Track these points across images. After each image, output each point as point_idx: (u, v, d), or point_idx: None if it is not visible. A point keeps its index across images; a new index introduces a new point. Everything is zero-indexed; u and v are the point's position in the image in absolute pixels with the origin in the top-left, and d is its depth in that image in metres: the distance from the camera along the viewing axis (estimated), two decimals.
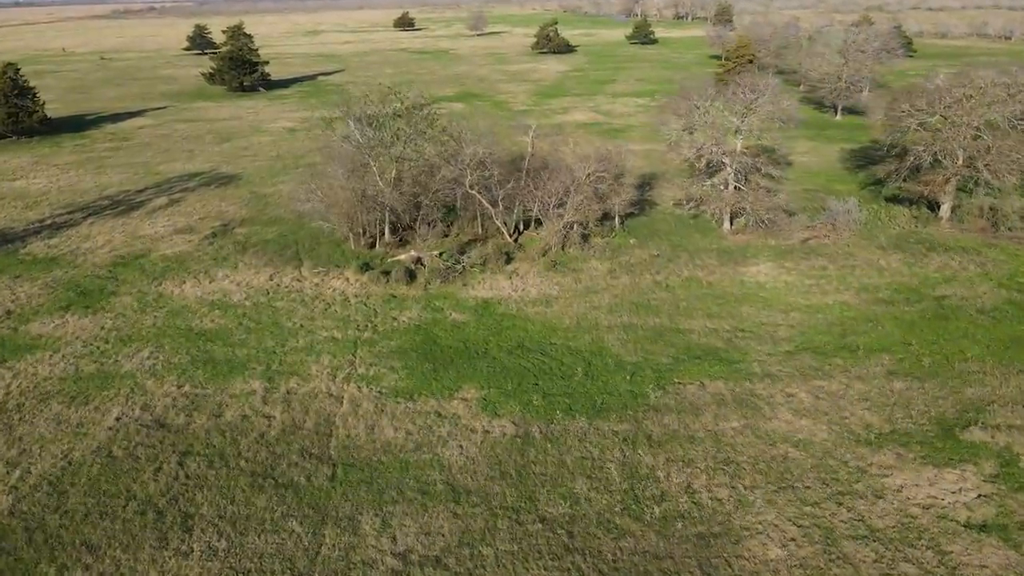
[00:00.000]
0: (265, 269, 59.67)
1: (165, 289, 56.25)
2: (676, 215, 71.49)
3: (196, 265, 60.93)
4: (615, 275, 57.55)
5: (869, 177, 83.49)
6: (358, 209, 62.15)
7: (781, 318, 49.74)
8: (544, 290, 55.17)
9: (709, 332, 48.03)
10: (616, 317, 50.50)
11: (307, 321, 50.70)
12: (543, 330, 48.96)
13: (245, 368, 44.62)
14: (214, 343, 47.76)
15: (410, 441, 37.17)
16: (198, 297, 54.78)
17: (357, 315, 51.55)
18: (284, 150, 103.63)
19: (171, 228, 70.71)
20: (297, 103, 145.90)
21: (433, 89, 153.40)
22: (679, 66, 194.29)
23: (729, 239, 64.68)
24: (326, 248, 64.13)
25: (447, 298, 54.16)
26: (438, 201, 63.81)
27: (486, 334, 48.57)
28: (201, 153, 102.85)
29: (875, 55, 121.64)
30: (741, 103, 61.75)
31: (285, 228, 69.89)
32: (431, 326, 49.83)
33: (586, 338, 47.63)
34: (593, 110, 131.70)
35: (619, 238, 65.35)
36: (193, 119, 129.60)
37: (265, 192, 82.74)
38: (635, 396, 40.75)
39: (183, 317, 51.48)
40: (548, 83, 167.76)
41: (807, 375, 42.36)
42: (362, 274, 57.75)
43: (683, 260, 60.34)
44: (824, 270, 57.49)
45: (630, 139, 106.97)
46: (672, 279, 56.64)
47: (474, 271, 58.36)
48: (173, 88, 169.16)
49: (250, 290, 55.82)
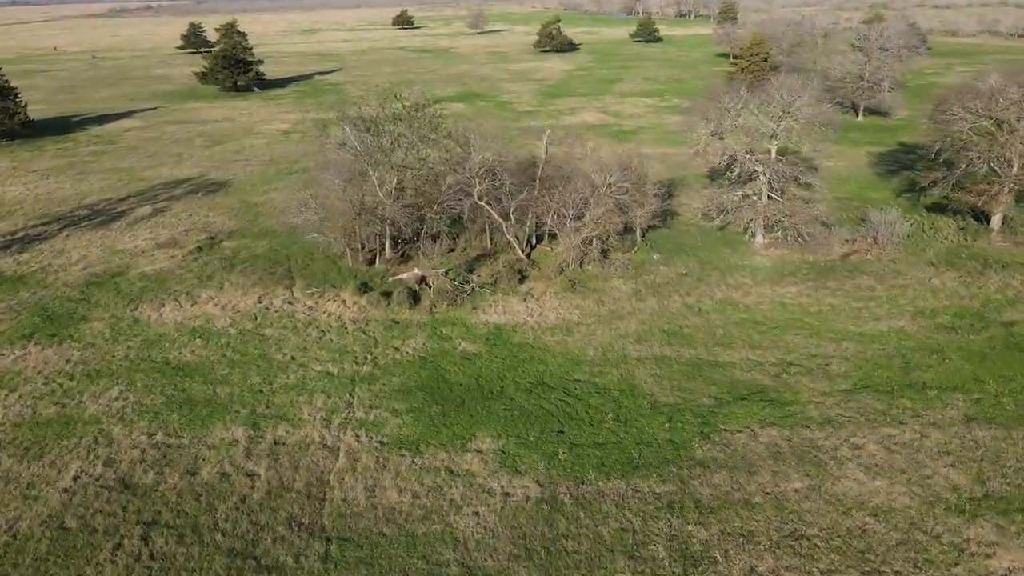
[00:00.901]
0: (253, 290, 54.04)
1: (142, 314, 50.61)
2: (701, 227, 65.91)
3: (178, 285, 55.29)
4: (641, 297, 51.98)
5: (904, 184, 77.98)
6: (356, 222, 56.55)
7: (832, 348, 44.20)
8: (563, 314, 49.60)
9: (753, 366, 42.49)
10: (646, 348, 44.95)
11: (299, 352, 45.10)
12: (565, 363, 43.40)
13: (227, 411, 39.03)
14: (193, 379, 42.15)
15: (417, 507, 31.60)
16: (178, 323, 49.17)
17: (355, 345, 45.96)
18: (278, 154, 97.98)
19: (153, 242, 65.04)
20: (293, 103, 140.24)
21: (434, 89, 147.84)
22: (686, 65, 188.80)
23: (762, 254, 59.13)
24: (321, 265, 58.52)
25: (455, 324, 48.59)
26: (443, 213, 58.18)
27: (501, 368, 42.99)
28: (190, 157, 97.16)
29: (896, 53, 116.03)
30: (778, 105, 56.13)
31: (277, 241, 64.26)
32: (438, 358, 44.26)
33: (614, 373, 42.07)
34: (601, 111, 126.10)
35: (641, 253, 59.78)
36: (183, 121, 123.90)
37: (256, 201, 77.11)
38: (676, 447, 35.19)
39: (160, 348, 45.86)
40: (553, 83, 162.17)
41: (873, 421, 36.82)
42: (360, 296, 52.17)
43: (714, 279, 54.78)
44: (872, 291, 51.95)
45: (643, 142, 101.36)
46: (705, 302, 51.08)
47: (484, 292, 52.79)
48: (165, 88, 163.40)
49: (236, 315, 50.19)
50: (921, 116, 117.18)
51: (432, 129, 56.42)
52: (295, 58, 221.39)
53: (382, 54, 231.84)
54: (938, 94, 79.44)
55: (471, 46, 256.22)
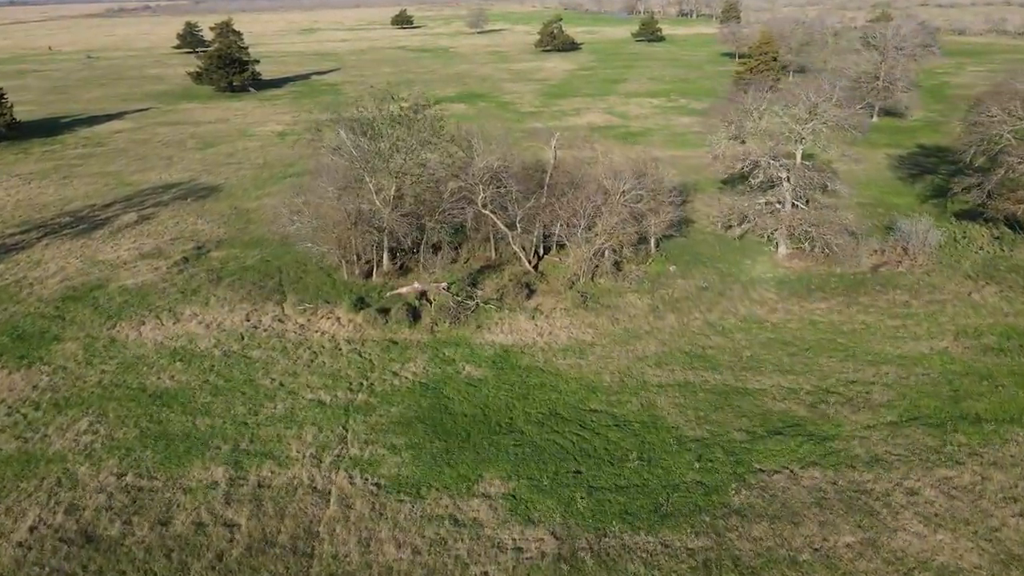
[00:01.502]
0: (241, 306, 50.23)
1: (119, 332, 46.78)
2: (718, 236, 62.09)
3: (160, 300, 51.46)
4: (659, 314, 48.18)
5: (928, 189, 74.21)
6: (351, 233, 52.73)
7: (872, 373, 40.40)
8: (576, 334, 45.79)
9: (786, 394, 38.68)
10: (667, 372, 41.14)
11: (288, 378, 41.28)
12: (580, 391, 39.58)
13: (207, 446, 35.21)
14: (171, 409, 38.33)
15: (418, 565, 27.80)
16: (158, 344, 45.35)
17: (350, 369, 42.14)
18: (272, 157, 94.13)
19: (136, 252, 61.21)
20: (289, 104, 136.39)
21: (434, 89, 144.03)
22: (691, 64, 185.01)
23: (785, 266, 55.34)
24: (314, 278, 54.70)
25: (459, 345, 44.79)
26: (445, 222, 54.37)
27: (509, 396, 39.18)
28: (180, 161, 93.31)
29: (911, 52, 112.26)
30: (804, 107, 52.30)
31: (268, 252, 60.42)
32: (441, 385, 40.44)
33: (634, 403, 38.26)
34: (607, 112, 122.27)
35: (656, 265, 55.97)
36: (176, 122, 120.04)
37: (248, 207, 73.28)
38: (709, 492, 31.40)
39: (137, 372, 42.03)
40: (555, 82, 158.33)
41: (926, 460, 33.03)
42: (356, 313, 48.35)
43: (736, 294, 51.00)
44: (908, 307, 48.17)
45: (651, 144, 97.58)
46: (728, 319, 47.29)
47: (489, 308, 48.99)
48: (159, 88, 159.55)
49: (221, 334, 46.38)
50: (937, 117, 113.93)
51: (433, 132, 52.56)
52: (293, 58, 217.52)
53: (381, 54, 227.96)
54: (975, 94, 75.74)
55: (471, 45, 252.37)
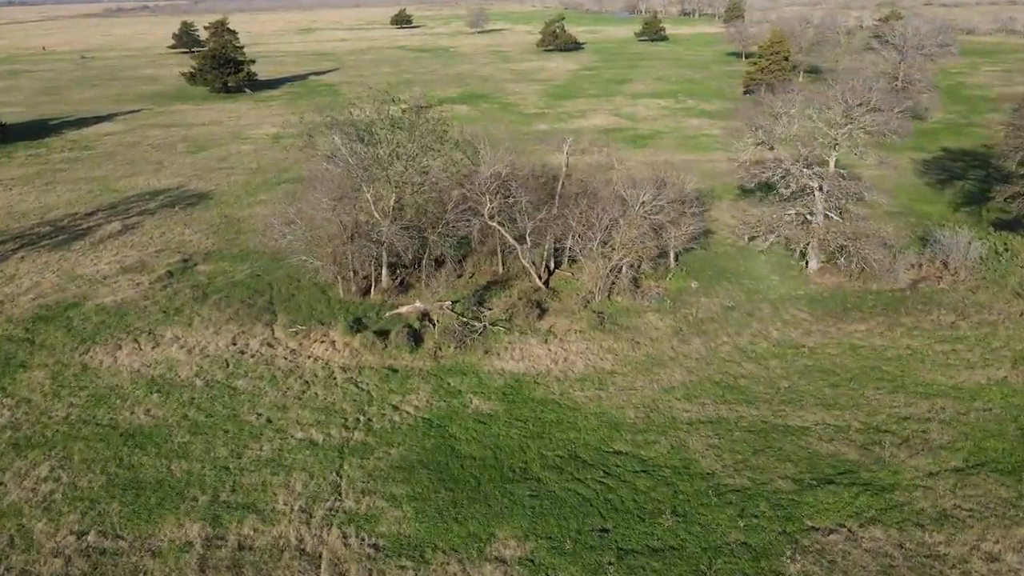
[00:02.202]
0: (228, 327, 46.12)
1: (92, 359, 42.65)
2: (740, 248, 57.99)
3: (140, 320, 47.34)
4: (683, 337, 44.07)
5: (960, 195, 70.21)
6: (348, 247, 48.64)
7: (926, 408, 36.29)
8: (593, 361, 41.68)
9: (833, 433, 34.57)
10: (697, 407, 37.03)
11: (277, 412, 37.15)
12: (601, 428, 35.46)
13: (182, 497, 31.10)
14: (144, 451, 34.20)
15: None
16: (134, 372, 41.22)
17: (345, 402, 38.01)
18: (266, 161, 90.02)
19: (118, 265, 57.07)
20: (285, 105, 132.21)
21: (435, 90, 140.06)
22: (697, 64, 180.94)
23: (816, 282, 51.25)
24: (307, 295, 50.59)
25: (466, 373, 40.67)
26: (449, 235, 50.25)
27: (523, 435, 35.06)
28: (170, 165, 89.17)
29: (928, 52, 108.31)
30: (840, 110, 48.17)
31: (259, 265, 56.31)
32: (447, 421, 36.32)
33: (663, 444, 34.13)
34: (613, 113, 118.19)
35: (677, 280, 51.89)
36: (168, 124, 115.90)
37: (239, 216, 69.17)
38: (757, 557, 27.28)
39: (109, 405, 37.89)
40: (559, 83, 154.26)
41: (1003, 516, 28.94)
42: (352, 336, 44.23)
43: (766, 313, 46.90)
44: (956, 329, 44.10)
45: (661, 147, 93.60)
46: (759, 343, 43.19)
47: (498, 330, 44.90)
48: (152, 89, 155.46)
49: (204, 360, 42.24)
50: (958, 118, 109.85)
51: (436, 137, 48.42)
52: (291, 58, 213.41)
53: (381, 54, 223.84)
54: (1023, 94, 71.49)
55: (472, 45, 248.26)
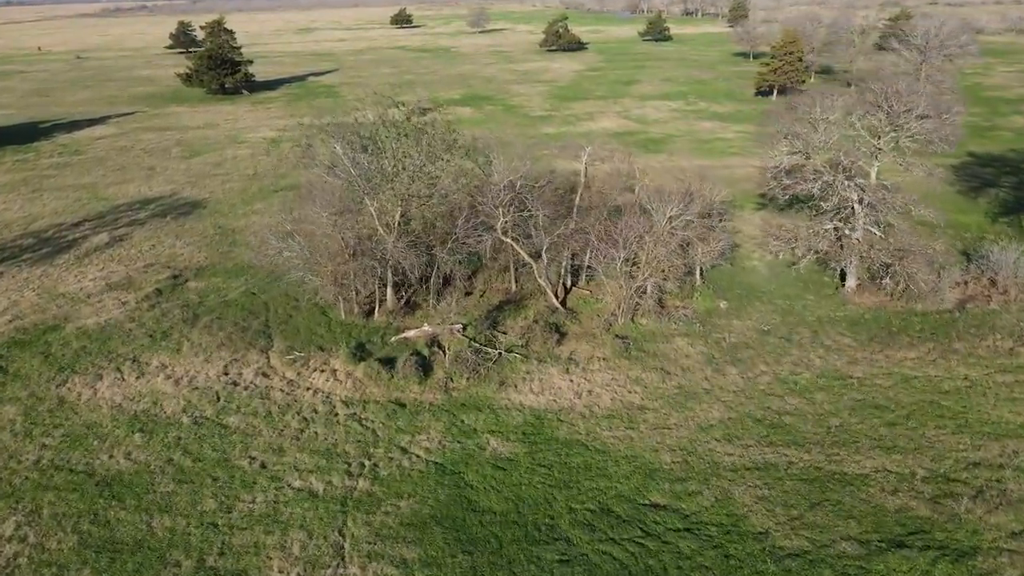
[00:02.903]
0: (219, 354, 42.35)
1: (70, 391, 38.85)
2: (768, 263, 54.34)
3: (124, 346, 43.55)
4: (717, 366, 40.30)
5: (995, 204, 66.47)
6: (350, 265, 44.88)
7: (997, 452, 32.55)
8: (621, 394, 37.92)
9: (896, 481, 30.82)
10: (740, 449, 33.27)
11: (272, 456, 33.37)
12: (635, 475, 31.70)
13: (164, 562, 27.33)
14: (123, 504, 30.43)
15: None
16: (115, 407, 37.42)
17: (348, 443, 34.24)
18: (263, 167, 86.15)
19: (103, 282, 53.27)
20: (283, 108, 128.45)
21: (437, 91, 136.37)
22: (704, 65, 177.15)
23: (855, 302, 47.51)
24: (306, 317, 46.83)
25: (480, 409, 36.90)
26: (459, 252, 46.50)
27: (548, 484, 31.30)
28: (163, 171, 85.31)
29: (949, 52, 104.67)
30: (885, 116, 44.40)
31: (254, 282, 52.53)
32: (462, 466, 32.56)
33: (706, 495, 30.37)
34: (622, 115, 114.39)
35: (704, 300, 48.14)
36: (162, 127, 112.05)
37: (233, 226, 65.35)
38: None
39: (85, 447, 34.10)
40: (564, 84, 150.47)
41: None
42: (356, 364, 40.46)
43: (805, 339, 43.14)
44: (1016, 356, 40.35)
45: (675, 152, 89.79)
46: (802, 374, 39.42)
47: (514, 358, 41.15)
48: (147, 90, 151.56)
49: (193, 393, 38.45)
50: (981, 121, 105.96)
51: (446, 147, 44.65)
52: (289, 58, 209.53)
53: (380, 54, 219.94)
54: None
55: (473, 45, 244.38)
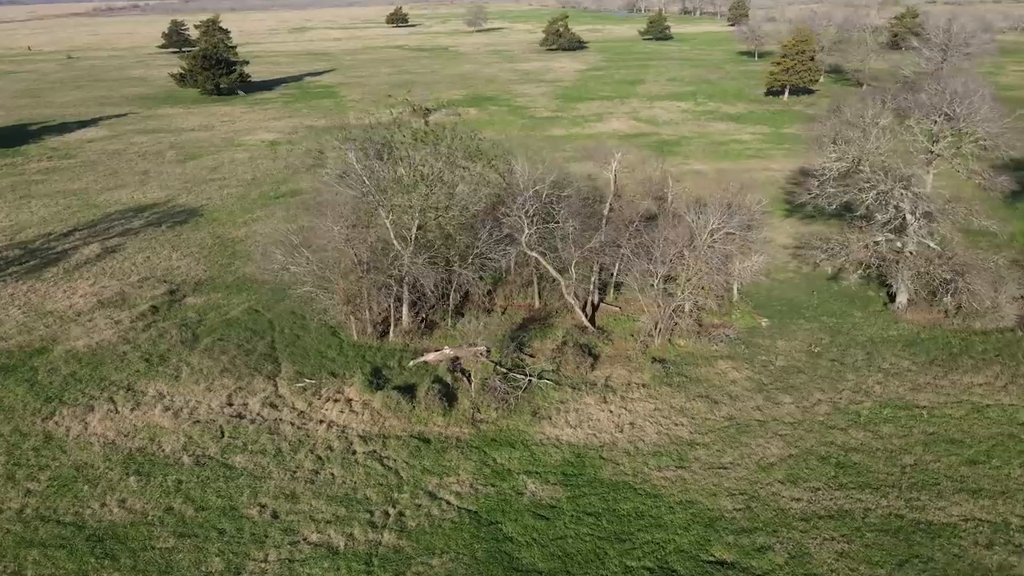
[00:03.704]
0: (222, 381, 38.73)
1: (58, 425, 35.19)
2: (804, 275, 51.05)
3: (117, 372, 39.89)
4: (768, 394, 36.88)
5: None
6: (363, 283, 41.31)
7: None
8: (666, 426, 34.46)
9: (989, 532, 27.44)
10: (808, 493, 29.84)
11: (285, 503, 29.79)
12: (693, 525, 28.23)
13: None
14: (116, 563, 26.81)
15: None
16: (108, 444, 33.78)
17: (369, 487, 30.69)
18: (262, 172, 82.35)
19: (94, 298, 49.60)
20: (281, 108, 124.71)
21: (439, 92, 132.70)
22: (709, 64, 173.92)
23: (906, 319, 44.17)
24: (315, 337, 43.25)
25: (513, 445, 33.39)
26: (481, 268, 43.02)
27: (597, 537, 27.80)
28: (157, 176, 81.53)
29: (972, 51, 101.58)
30: (943, 119, 41.06)
31: (256, 298, 48.96)
32: (498, 515, 29.05)
33: (778, 551, 26.89)
34: (632, 117, 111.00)
35: (743, 318, 44.77)
36: (155, 129, 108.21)
37: (233, 236, 61.71)
38: None
39: (74, 494, 30.46)
40: (568, 84, 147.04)
41: None
42: (372, 393, 36.90)
43: (859, 361, 39.76)
44: None
45: (690, 155, 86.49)
46: (862, 402, 36.02)
47: (545, 385, 37.66)
48: (140, 91, 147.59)
49: (194, 427, 34.83)
50: None
51: (470, 155, 41.10)
52: (285, 58, 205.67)
53: (378, 53, 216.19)
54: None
55: (472, 44, 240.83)
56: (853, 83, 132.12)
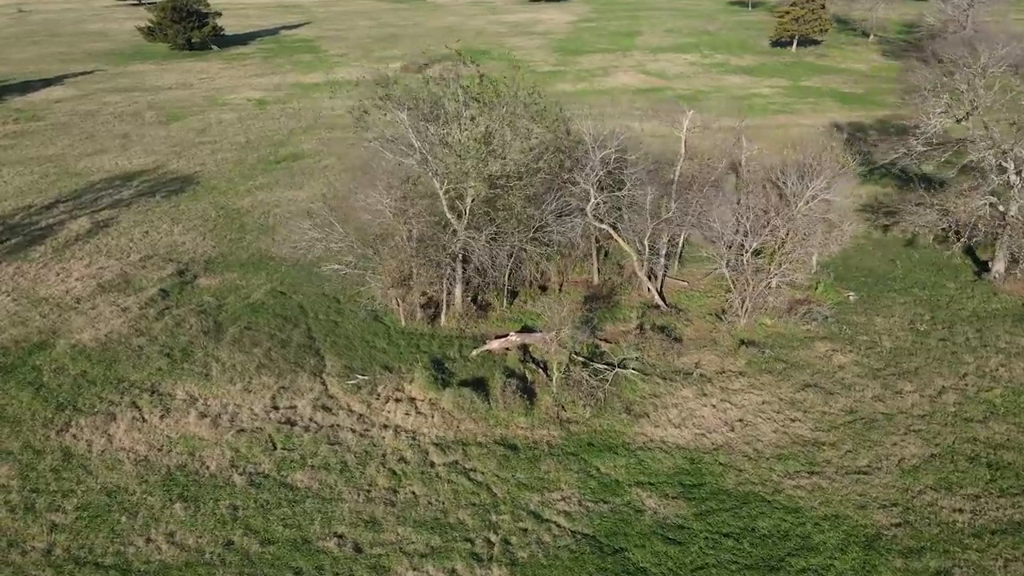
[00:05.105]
0: (261, 379, 33.73)
1: (77, 439, 30.01)
2: (875, 241, 47.20)
3: (136, 371, 34.61)
4: (885, 381, 32.99)
5: None
6: (413, 262, 36.31)
7: None
8: (782, 423, 30.45)
9: None
10: (969, 503, 26.10)
11: (366, 532, 25.23)
12: (851, 547, 24.35)
13: None
14: None
15: None
16: (140, 460, 28.78)
17: (460, 508, 26.24)
18: (256, 133, 75.84)
19: (93, 281, 43.83)
20: (261, 64, 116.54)
21: (426, 46, 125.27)
22: (703, 14, 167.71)
23: (1005, 291, 40.54)
24: (355, 323, 38.27)
25: (615, 450, 29.13)
26: (547, 243, 38.22)
27: (744, 566, 23.79)
28: (139, 140, 74.48)
29: None
30: None
31: (279, 278, 43.67)
32: (620, 539, 24.86)
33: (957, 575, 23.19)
34: (639, 70, 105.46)
35: (828, 292, 40.75)
36: (128, 88, 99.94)
37: (237, 206, 55.79)
38: None
39: (111, 527, 25.55)
40: (562, 37, 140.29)
41: None
42: (439, 390, 32.26)
43: (970, 339, 36.04)
44: None
45: (711, 111, 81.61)
46: (992, 389, 32.26)
47: (632, 375, 33.33)
48: (103, 46, 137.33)
49: (240, 438, 29.92)
50: None
51: (537, 116, 35.81)
52: (254, 10, 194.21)
53: (352, 4, 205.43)
54: None
55: None
56: (859, 33, 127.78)
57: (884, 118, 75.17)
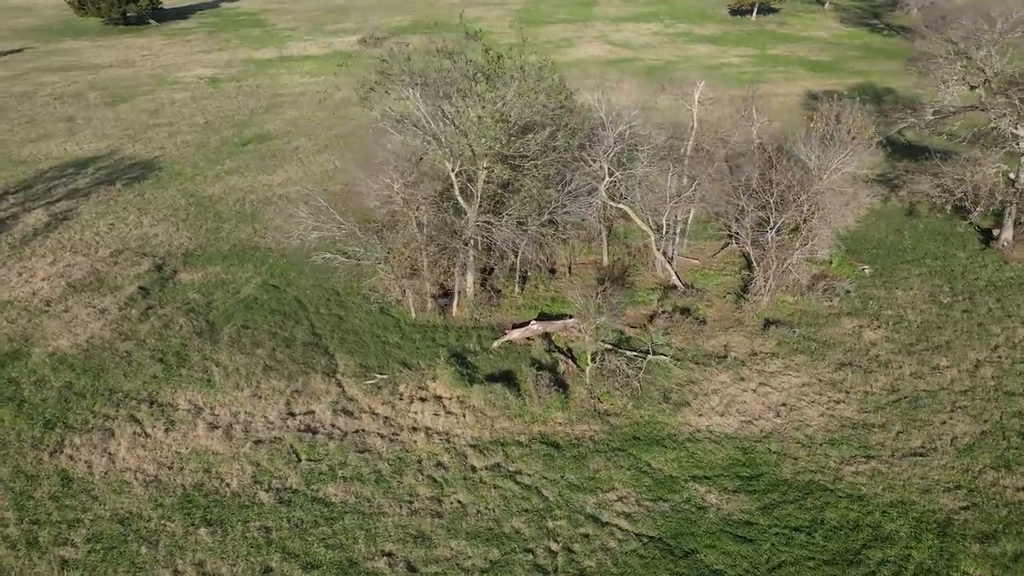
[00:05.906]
0: (270, 383, 31.19)
1: (74, 461, 27.11)
2: (878, 211, 46.71)
3: (128, 380, 31.63)
4: (919, 356, 32.39)
5: None
6: (426, 251, 34.06)
7: None
8: (827, 405, 29.54)
9: None
10: None
11: (417, 549, 23.31)
12: (925, 535, 23.57)
13: None
14: None
15: None
16: (152, 482, 26.13)
17: (513, 516, 24.52)
18: (214, 114, 71.42)
19: (62, 280, 40.17)
20: (207, 40, 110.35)
21: (380, 18, 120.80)
22: None
23: (1015, 258, 40.50)
24: (361, 317, 35.88)
25: (663, 443, 27.75)
26: (564, 225, 36.39)
27: (821, 561, 22.76)
28: (87, 123, 69.32)
29: None
30: None
31: (267, 270, 40.79)
32: (688, 539, 23.56)
33: None
34: (604, 41, 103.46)
35: (843, 266, 40.07)
36: (65, 67, 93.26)
37: (208, 192, 52.19)
38: None
39: (130, 560, 23.04)
40: (519, 7, 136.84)
41: None
42: (466, 387, 30.33)
43: (994, 311, 35.76)
44: None
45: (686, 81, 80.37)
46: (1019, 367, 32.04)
47: (665, 361, 32.00)
48: (29, 22, 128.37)
49: (259, 451, 27.48)
50: None
51: (553, 93, 33.69)
52: None
53: None
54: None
55: None
56: (814, 1, 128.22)
57: (856, 86, 75.21)
